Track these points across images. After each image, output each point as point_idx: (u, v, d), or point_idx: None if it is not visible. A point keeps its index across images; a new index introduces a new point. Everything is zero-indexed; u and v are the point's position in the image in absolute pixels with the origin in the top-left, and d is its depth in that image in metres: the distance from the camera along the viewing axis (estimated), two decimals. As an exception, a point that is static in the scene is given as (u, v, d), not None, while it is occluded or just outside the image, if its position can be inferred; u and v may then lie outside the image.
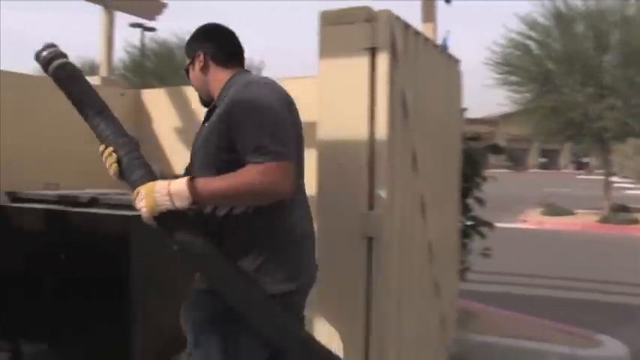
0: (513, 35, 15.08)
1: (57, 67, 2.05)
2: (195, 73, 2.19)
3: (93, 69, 18.96)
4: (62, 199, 3.59)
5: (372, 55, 2.64)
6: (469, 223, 4.97)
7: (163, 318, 2.80)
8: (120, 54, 21.31)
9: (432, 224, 3.30)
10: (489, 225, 5.12)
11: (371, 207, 2.64)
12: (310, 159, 2.78)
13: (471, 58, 5.72)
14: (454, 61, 4.01)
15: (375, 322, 2.67)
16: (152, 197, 1.83)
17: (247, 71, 2.23)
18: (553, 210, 15.47)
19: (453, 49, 4.03)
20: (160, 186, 1.85)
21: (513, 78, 15.52)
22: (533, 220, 14.96)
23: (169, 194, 1.83)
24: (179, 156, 3.70)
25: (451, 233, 4.05)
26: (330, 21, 2.70)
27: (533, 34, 14.94)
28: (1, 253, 3.74)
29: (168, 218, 1.83)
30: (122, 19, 5.36)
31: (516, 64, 15.16)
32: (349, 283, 2.69)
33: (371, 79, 2.64)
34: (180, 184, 1.84)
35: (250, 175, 1.84)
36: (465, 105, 4.42)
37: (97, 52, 5.87)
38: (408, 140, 2.95)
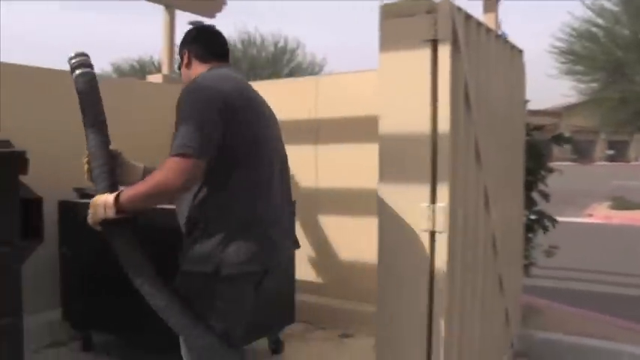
0: (579, 23, 14.60)
1: (79, 74, 2.27)
2: (183, 69, 2.43)
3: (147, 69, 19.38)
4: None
5: (434, 47, 2.60)
6: (533, 217, 4.86)
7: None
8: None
9: (496, 218, 3.24)
10: (553, 221, 4.98)
11: (433, 200, 2.61)
12: (372, 153, 2.79)
13: (533, 47, 5.55)
14: (517, 52, 3.91)
15: (437, 318, 2.64)
16: (95, 207, 2.11)
17: (225, 64, 2.38)
18: (622, 204, 14.84)
19: (515, 38, 3.93)
20: (102, 198, 2.11)
21: (578, 67, 15.03)
22: (600, 214, 14.41)
23: (104, 205, 2.08)
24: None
25: (515, 227, 3.96)
26: (391, 14, 2.67)
27: (600, 21, 14.41)
28: (70, 248, 3.90)
29: (106, 224, 2.12)
30: (182, 17, 5.44)
31: (581, 52, 14.67)
32: (411, 278, 2.67)
33: (433, 71, 2.60)
34: (109, 196, 2.08)
35: (158, 173, 2.02)
36: (527, 96, 4.31)
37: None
38: (470, 133, 2.89)
